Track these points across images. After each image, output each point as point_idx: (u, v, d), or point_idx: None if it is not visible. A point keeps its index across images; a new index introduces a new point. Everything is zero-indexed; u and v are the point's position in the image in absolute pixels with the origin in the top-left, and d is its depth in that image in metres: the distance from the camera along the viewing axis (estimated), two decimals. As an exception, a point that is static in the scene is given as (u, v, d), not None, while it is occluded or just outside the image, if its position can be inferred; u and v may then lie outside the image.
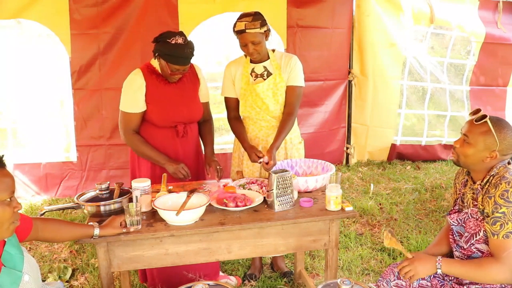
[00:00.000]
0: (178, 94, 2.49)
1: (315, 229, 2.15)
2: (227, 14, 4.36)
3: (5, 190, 1.38)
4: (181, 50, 2.32)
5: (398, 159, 5.48)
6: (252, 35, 2.41)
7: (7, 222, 1.38)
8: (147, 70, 2.48)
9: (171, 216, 1.99)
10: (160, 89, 2.46)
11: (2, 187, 1.38)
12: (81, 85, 4.30)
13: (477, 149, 1.77)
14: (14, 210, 1.41)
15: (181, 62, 2.35)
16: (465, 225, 1.85)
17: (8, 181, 1.41)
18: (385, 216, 3.91)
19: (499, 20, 5.25)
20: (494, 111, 5.59)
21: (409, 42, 5.19)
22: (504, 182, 1.69)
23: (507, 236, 1.66)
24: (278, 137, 2.50)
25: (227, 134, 4.84)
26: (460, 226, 1.87)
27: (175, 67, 2.36)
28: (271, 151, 2.43)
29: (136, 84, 2.44)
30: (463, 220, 1.85)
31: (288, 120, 2.55)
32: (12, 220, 1.41)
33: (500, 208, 1.67)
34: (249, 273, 2.96)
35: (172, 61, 2.34)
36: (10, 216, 1.38)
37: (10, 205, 1.39)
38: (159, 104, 2.46)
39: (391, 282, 1.98)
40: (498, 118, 1.80)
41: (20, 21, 4.19)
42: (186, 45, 2.34)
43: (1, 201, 1.38)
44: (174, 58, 2.33)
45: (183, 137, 2.55)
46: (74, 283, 2.94)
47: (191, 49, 2.37)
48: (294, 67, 2.58)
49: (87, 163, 4.46)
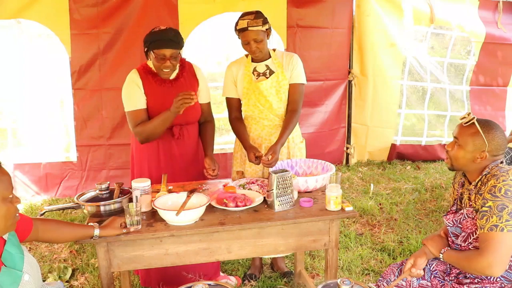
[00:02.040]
0: (174, 95, 2.43)
1: (315, 229, 2.14)
2: (227, 14, 4.36)
3: (7, 188, 1.45)
4: (164, 33, 2.36)
5: (398, 159, 5.48)
6: (255, 32, 2.43)
7: (12, 217, 1.46)
8: (143, 70, 2.49)
9: (171, 216, 1.98)
10: (155, 89, 2.46)
11: (4, 186, 1.44)
12: (81, 85, 4.30)
13: (466, 150, 1.81)
14: (16, 205, 1.49)
15: (165, 44, 2.33)
16: (461, 225, 1.86)
17: (7, 179, 1.48)
18: (385, 216, 3.91)
19: (499, 20, 5.25)
20: (494, 111, 5.60)
21: (409, 42, 5.19)
22: (493, 178, 1.74)
23: (491, 229, 1.68)
24: (283, 134, 2.52)
25: (227, 134, 4.85)
26: (455, 227, 1.89)
27: (160, 51, 2.33)
28: (276, 146, 2.44)
29: (134, 82, 2.45)
30: (459, 221, 1.87)
31: (292, 117, 2.57)
32: (15, 213, 1.49)
33: (487, 202, 1.71)
34: (249, 273, 2.96)
35: (157, 46, 2.33)
36: (14, 211, 1.46)
37: (12, 201, 1.47)
38: (154, 105, 2.45)
39: (391, 282, 1.98)
40: (486, 120, 1.84)
41: (20, 21, 4.19)
42: (168, 29, 2.38)
43: (6, 198, 1.44)
44: (158, 42, 2.33)
45: (179, 138, 2.53)
46: (74, 283, 2.94)
47: (175, 33, 2.39)
48: (296, 65, 2.61)
49: (87, 163, 4.46)
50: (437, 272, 1.96)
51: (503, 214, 1.66)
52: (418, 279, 1.95)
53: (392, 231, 3.61)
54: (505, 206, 1.67)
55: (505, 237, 1.66)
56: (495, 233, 1.67)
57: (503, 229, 1.66)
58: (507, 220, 1.66)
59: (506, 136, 1.86)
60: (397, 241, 3.42)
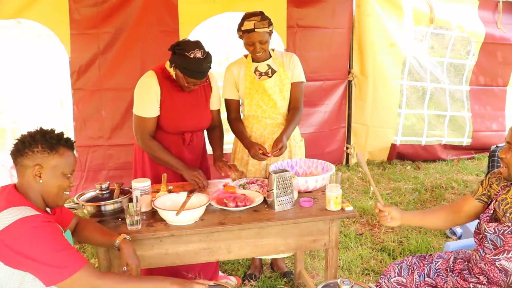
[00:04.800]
0: (190, 103, 2.46)
1: (315, 229, 2.14)
2: (227, 14, 4.36)
3: (69, 167, 1.65)
4: (200, 66, 2.27)
5: (398, 159, 5.48)
6: (261, 34, 2.44)
7: (62, 190, 1.65)
8: (162, 75, 2.42)
9: (171, 216, 1.98)
10: (173, 96, 2.43)
11: (67, 164, 1.64)
12: (80, 85, 4.29)
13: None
14: (70, 184, 1.67)
15: (198, 76, 2.32)
16: (503, 238, 1.73)
17: (72, 161, 1.66)
18: (385, 216, 3.90)
19: (499, 20, 5.26)
20: (493, 111, 5.61)
21: (409, 42, 5.19)
22: None
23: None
24: (288, 127, 2.54)
25: (227, 134, 4.84)
26: (497, 237, 1.75)
27: (192, 80, 2.33)
28: (282, 137, 2.46)
29: (153, 89, 2.39)
30: (502, 232, 1.73)
31: (295, 114, 2.62)
32: (67, 190, 1.67)
33: None
34: (249, 273, 2.96)
35: (190, 75, 2.30)
36: (66, 187, 1.66)
37: (69, 179, 1.66)
38: (170, 112, 2.43)
39: (392, 279, 1.98)
40: None
41: (20, 21, 4.18)
42: (204, 60, 2.28)
43: (65, 174, 1.64)
44: (192, 72, 2.29)
45: (189, 144, 2.54)
46: (74, 283, 2.94)
47: (209, 63, 2.34)
48: (296, 64, 2.66)
49: (86, 163, 4.45)
50: (440, 270, 1.96)
51: None
52: (420, 276, 1.95)
53: (392, 231, 3.61)
54: None
55: None
56: None
57: None
58: None
59: None
60: (397, 241, 3.42)
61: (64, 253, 1.51)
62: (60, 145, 1.62)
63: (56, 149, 1.61)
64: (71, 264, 1.50)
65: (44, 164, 1.59)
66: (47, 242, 1.48)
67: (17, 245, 1.45)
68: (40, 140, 1.60)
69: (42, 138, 1.60)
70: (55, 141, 1.62)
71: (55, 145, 1.61)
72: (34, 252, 1.46)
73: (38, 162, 1.59)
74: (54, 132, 1.65)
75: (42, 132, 1.63)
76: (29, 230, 1.47)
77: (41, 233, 1.48)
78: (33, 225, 1.48)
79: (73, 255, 1.53)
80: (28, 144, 1.59)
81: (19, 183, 1.63)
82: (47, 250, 1.48)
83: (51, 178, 1.61)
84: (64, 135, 1.67)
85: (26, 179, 1.60)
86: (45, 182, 1.60)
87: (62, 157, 1.62)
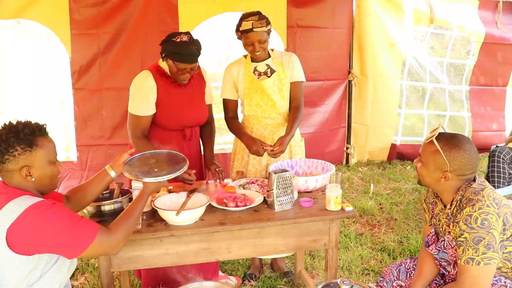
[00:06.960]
0: (187, 98, 2.48)
1: (315, 229, 2.15)
2: (227, 14, 4.37)
3: (53, 153, 1.66)
4: (187, 47, 2.31)
5: (398, 159, 5.48)
6: (259, 33, 2.45)
7: (55, 177, 1.68)
8: (157, 72, 2.44)
9: (171, 216, 1.99)
10: (170, 92, 2.44)
11: (50, 151, 1.64)
12: (81, 85, 4.30)
13: (429, 169, 1.71)
14: (58, 168, 1.69)
15: (187, 59, 2.33)
16: (447, 252, 1.79)
17: (52, 146, 1.66)
18: (385, 216, 3.91)
19: (499, 20, 5.26)
20: (493, 111, 5.61)
21: (409, 42, 5.19)
22: (468, 205, 1.61)
23: (468, 262, 1.59)
24: (291, 127, 2.53)
25: (227, 134, 4.84)
26: (442, 253, 1.81)
27: (181, 65, 2.34)
28: (285, 138, 2.45)
29: (148, 86, 2.41)
30: (442, 247, 1.80)
31: (297, 113, 2.61)
32: (58, 174, 1.70)
33: (463, 234, 1.60)
34: (249, 273, 2.96)
35: (178, 59, 2.32)
36: (57, 173, 1.68)
37: (55, 164, 1.67)
38: (169, 108, 2.44)
39: (391, 283, 1.98)
40: (453, 135, 1.70)
41: (20, 21, 4.19)
42: (191, 42, 2.33)
43: (52, 161, 1.64)
44: (180, 55, 2.31)
45: (190, 140, 2.55)
46: (74, 283, 2.94)
47: (197, 46, 2.36)
48: (296, 64, 2.65)
49: (87, 163, 4.46)
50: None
51: (480, 247, 1.56)
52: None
53: (392, 231, 3.61)
54: (482, 238, 1.56)
55: (481, 271, 1.57)
56: (472, 266, 1.58)
57: (479, 263, 1.57)
58: (484, 253, 1.56)
59: (475, 153, 1.68)
60: (397, 241, 3.42)
61: (78, 225, 1.55)
62: (36, 137, 1.59)
63: (35, 143, 1.58)
64: (87, 233, 1.56)
65: (31, 163, 1.57)
66: (60, 221, 1.51)
67: (34, 233, 1.47)
68: (17, 142, 1.55)
69: (17, 139, 1.55)
70: (31, 136, 1.58)
71: (33, 140, 1.57)
72: (52, 234, 1.49)
73: (24, 163, 1.56)
74: (25, 126, 1.59)
75: (14, 131, 1.57)
76: (40, 215, 1.49)
77: (53, 215, 1.51)
78: (42, 210, 1.50)
79: (86, 224, 1.58)
80: (5, 150, 1.54)
81: (7, 183, 1.61)
82: (64, 228, 1.51)
83: (42, 171, 1.60)
84: (33, 123, 1.63)
85: (16, 181, 1.59)
86: (38, 177, 1.60)
87: (44, 148, 1.60)
